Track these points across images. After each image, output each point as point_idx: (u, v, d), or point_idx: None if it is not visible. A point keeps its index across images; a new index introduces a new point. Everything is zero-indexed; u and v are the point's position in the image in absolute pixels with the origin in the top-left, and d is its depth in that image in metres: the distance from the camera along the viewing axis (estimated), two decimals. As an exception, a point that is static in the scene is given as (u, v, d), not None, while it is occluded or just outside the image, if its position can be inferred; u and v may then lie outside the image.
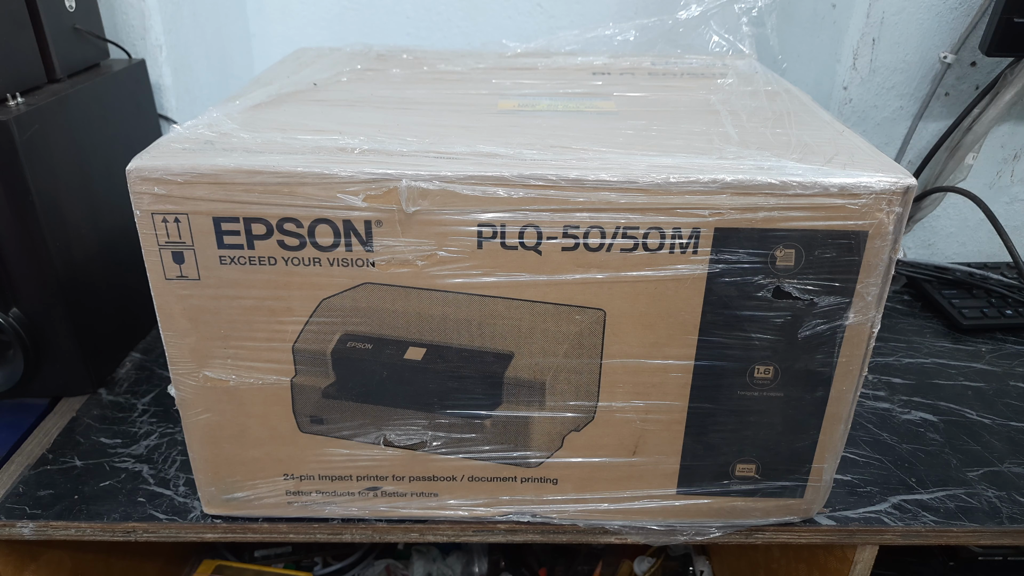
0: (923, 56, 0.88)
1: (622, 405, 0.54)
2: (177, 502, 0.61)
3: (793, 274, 0.48)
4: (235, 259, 0.48)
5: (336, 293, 0.50)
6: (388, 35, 1.05)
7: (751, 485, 0.57)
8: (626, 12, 1.03)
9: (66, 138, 0.68)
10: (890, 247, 0.48)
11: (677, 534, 0.58)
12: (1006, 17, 0.78)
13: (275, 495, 0.58)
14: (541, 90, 0.63)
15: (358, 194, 0.46)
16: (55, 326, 0.68)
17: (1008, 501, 0.62)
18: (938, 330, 0.87)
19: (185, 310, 0.50)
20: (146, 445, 0.67)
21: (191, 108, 0.92)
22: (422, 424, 0.55)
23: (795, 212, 0.46)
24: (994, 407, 0.73)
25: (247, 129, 0.51)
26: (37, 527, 0.59)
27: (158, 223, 0.47)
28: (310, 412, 0.54)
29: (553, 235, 0.47)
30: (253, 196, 0.46)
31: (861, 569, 0.62)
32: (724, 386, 0.53)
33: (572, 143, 0.50)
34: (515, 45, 0.72)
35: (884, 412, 0.73)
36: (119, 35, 0.86)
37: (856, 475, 0.64)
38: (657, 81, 0.67)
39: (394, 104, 0.59)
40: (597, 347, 0.51)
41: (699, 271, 0.48)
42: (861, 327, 0.50)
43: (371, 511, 0.59)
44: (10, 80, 0.65)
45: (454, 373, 0.52)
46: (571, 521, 0.59)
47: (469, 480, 0.57)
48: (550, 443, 0.55)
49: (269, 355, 0.52)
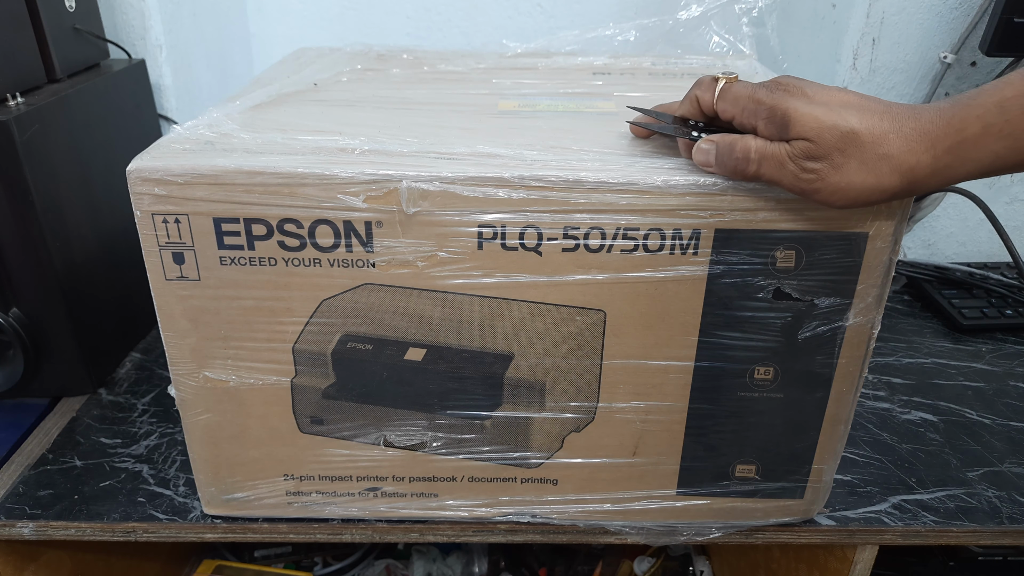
0: (923, 56, 0.88)
1: (622, 406, 0.54)
2: (177, 502, 0.61)
3: (793, 275, 0.48)
4: (235, 260, 0.48)
5: (336, 294, 0.50)
6: (388, 35, 1.05)
7: (751, 486, 0.57)
8: (626, 12, 1.03)
9: (66, 138, 0.68)
10: (890, 248, 0.48)
11: (677, 534, 0.58)
12: (1006, 17, 0.78)
13: (275, 495, 0.58)
14: (541, 90, 0.63)
15: (358, 195, 0.46)
16: (55, 326, 0.68)
17: (1008, 501, 0.62)
18: (938, 330, 0.87)
19: (185, 311, 0.50)
20: (146, 445, 0.67)
21: (191, 108, 0.92)
22: (422, 425, 0.55)
23: (795, 213, 0.46)
24: (994, 407, 0.73)
25: (247, 129, 0.51)
26: (37, 527, 0.59)
27: (158, 223, 0.47)
28: (310, 412, 0.54)
29: (553, 236, 0.47)
30: (253, 197, 0.46)
31: (861, 569, 0.62)
32: (724, 387, 0.53)
33: (572, 144, 0.50)
34: (515, 45, 0.72)
35: (884, 412, 0.73)
36: (119, 35, 0.86)
37: (856, 475, 0.64)
38: (657, 81, 0.67)
39: (394, 104, 0.59)
40: (597, 348, 0.51)
41: (699, 272, 0.48)
42: (861, 328, 0.50)
43: (371, 511, 0.59)
44: (10, 80, 0.65)
45: (454, 374, 0.52)
46: (571, 521, 0.59)
47: (469, 480, 0.57)
48: (550, 444, 0.55)
49: (269, 355, 0.52)
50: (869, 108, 0.41)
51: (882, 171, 0.40)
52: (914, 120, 0.40)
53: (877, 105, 0.41)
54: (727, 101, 0.45)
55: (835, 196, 0.42)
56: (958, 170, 0.40)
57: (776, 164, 0.42)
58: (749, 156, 0.43)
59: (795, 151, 0.42)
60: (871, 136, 0.40)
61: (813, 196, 0.43)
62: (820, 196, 0.42)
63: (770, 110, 0.42)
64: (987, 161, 0.40)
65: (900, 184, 0.41)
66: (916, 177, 0.41)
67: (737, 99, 0.44)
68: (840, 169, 0.41)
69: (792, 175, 0.42)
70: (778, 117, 0.42)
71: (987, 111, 0.39)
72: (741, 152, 0.43)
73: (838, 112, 0.41)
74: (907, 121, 0.40)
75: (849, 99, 0.42)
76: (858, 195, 0.42)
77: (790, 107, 0.41)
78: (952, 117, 0.40)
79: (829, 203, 0.43)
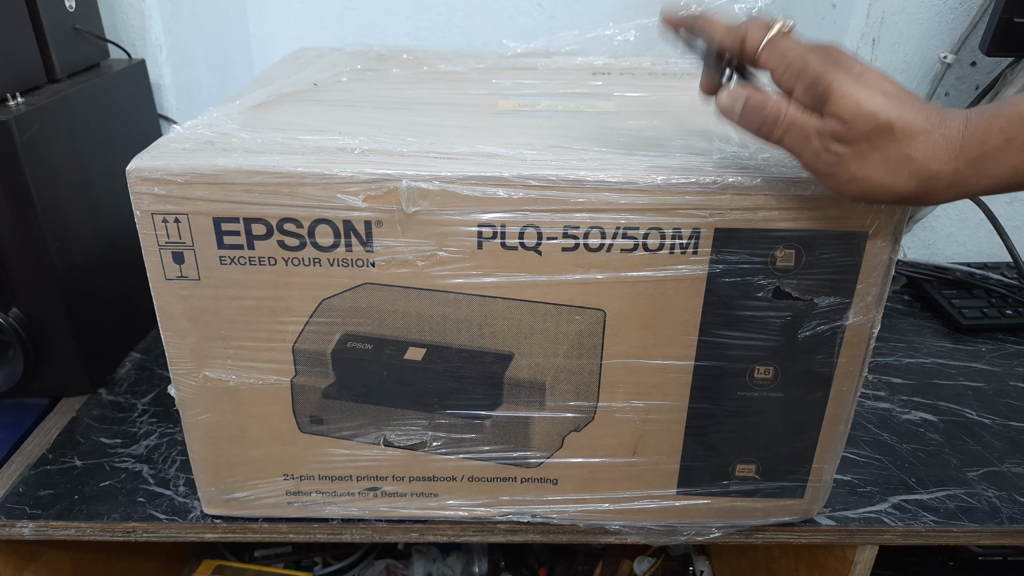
0: (923, 56, 0.88)
1: (622, 405, 0.54)
2: (177, 502, 0.61)
3: (793, 274, 0.48)
4: (235, 259, 0.48)
5: (336, 293, 0.50)
6: (388, 35, 1.05)
7: (751, 485, 0.57)
8: (626, 12, 1.03)
9: (66, 138, 0.68)
10: (890, 247, 0.48)
11: (677, 534, 0.58)
12: (1006, 17, 0.78)
13: (275, 495, 0.58)
14: (541, 90, 0.63)
15: (358, 194, 0.46)
16: (55, 326, 0.68)
17: (1008, 501, 0.62)
18: (938, 330, 0.87)
19: (185, 310, 0.50)
20: (146, 445, 0.67)
21: (191, 108, 0.92)
22: (422, 424, 0.55)
23: (795, 213, 0.46)
24: (994, 407, 0.73)
25: (247, 129, 0.51)
26: (37, 527, 0.59)
27: (158, 223, 0.47)
28: (310, 412, 0.54)
29: (553, 235, 0.47)
30: (253, 196, 0.46)
31: (861, 569, 0.62)
32: (724, 386, 0.53)
33: (572, 143, 0.50)
34: (515, 45, 0.72)
35: (884, 412, 0.73)
36: (119, 35, 0.86)
37: (856, 475, 0.64)
38: (657, 81, 0.67)
39: (394, 104, 0.59)
40: (597, 347, 0.51)
41: (699, 271, 0.48)
42: (861, 327, 0.50)
43: (371, 511, 0.59)
44: (10, 80, 0.65)
45: (454, 373, 0.52)
46: (571, 521, 0.59)
47: (469, 480, 0.57)
48: (550, 443, 0.55)
49: (269, 355, 0.52)
50: (908, 103, 0.39)
51: (901, 172, 0.39)
52: (943, 126, 0.39)
53: (914, 101, 0.40)
54: (774, 54, 0.42)
55: (848, 185, 0.41)
56: (974, 184, 0.39)
57: (801, 136, 0.41)
58: (778, 120, 0.42)
59: (824, 128, 0.40)
60: (903, 133, 0.39)
61: (827, 180, 0.42)
62: (833, 181, 0.42)
63: (815, 78, 0.40)
64: (1005, 176, 0.39)
65: (914, 189, 0.40)
66: (933, 186, 0.40)
67: (785, 55, 0.42)
68: (862, 159, 0.40)
69: (813, 152, 0.41)
70: (820, 88, 0.40)
71: (1011, 123, 0.38)
72: (771, 113, 0.42)
73: (880, 101, 0.39)
74: (937, 126, 0.39)
75: (892, 89, 0.40)
76: (870, 190, 0.41)
77: (835, 81, 0.40)
78: (976, 128, 0.39)
79: (839, 190, 0.42)
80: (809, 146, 0.41)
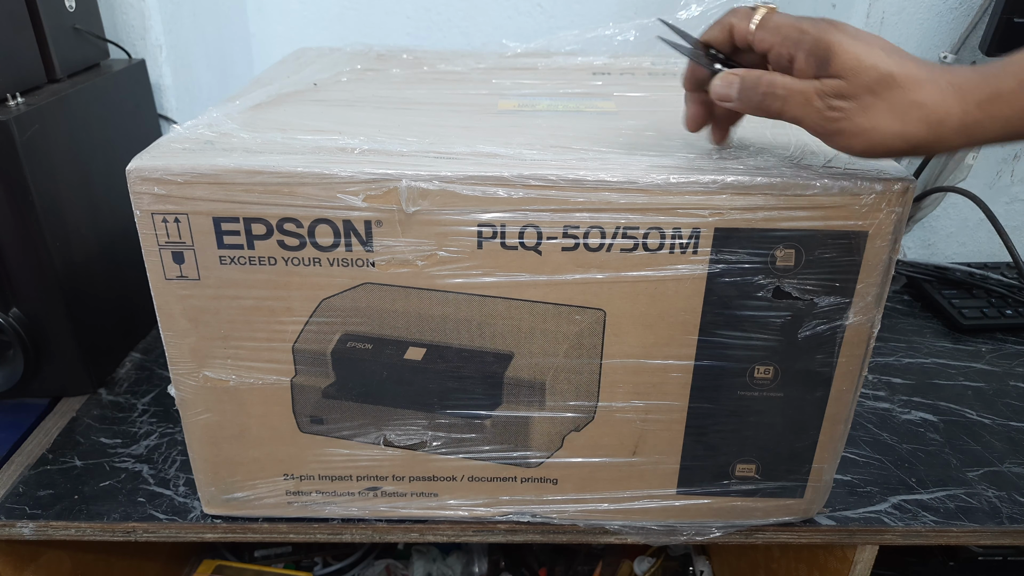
0: (923, 56, 0.88)
1: (622, 405, 0.54)
2: (177, 502, 0.61)
3: (793, 274, 0.48)
4: (235, 259, 0.48)
5: (336, 293, 0.50)
6: (388, 35, 1.05)
7: (751, 485, 0.57)
8: (626, 12, 1.03)
9: (66, 138, 0.68)
10: (890, 247, 0.48)
11: (677, 534, 0.58)
12: (1006, 17, 0.78)
13: (275, 495, 0.58)
14: (541, 90, 0.63)
15: (358, 194, 0.46)
16: (55, 326, 0.68)
17: (1008, 501, 0.62)
18: (938, 330, 0.87)
19: (185, 310, 0.50)
20: (146, 445, 0.67)
21: (191, 108, 0.92)
22: (422, 424, 0.55)
23: (795, 212, 0.46)
24: (994, 407, 0.73)
25: (247, 129, 0.51)
26: (37, 527, 0.59)
27: (158, 223, 0.47)
28: (310, 412, 0.54)
29: (553, 235, 0.47)
30: (253, 196, 0.46)
31: (861, 569, 0.62)
32: (724, 386, 0.53)
33: (572, 143, 0.50)
34: (515, 45, 0.72)
35: (884, 412, 0.73)
36: (119, 35, 0.86)
37: (856, 475, 0.64)
38: (657, 81, 0.67)
39: (394, 104, 0.59)
40: (597, 347, 0.51)
41: (699, 271, 0.48)
42: (861, 327, 0.50)
43: (371, 511, 0.59)
44: (10, 80, 0.65)
45: (454, 373, 0.52)
46: (571, 521, 0.59)
47: (469, 480, 0.57)
48: (550, 443, 0.55)
49: (269, 355, 0.52)
50: (909, 59, 0.41)
51: (911, 118, 0.40)
52: (949, 74, 0.40)
53: (915, 58, 0.41)
54: (767, 30, 0.43)
55: (857, 139, 0.41)
56: (987, 128, 0.40)
57: (802, 101, 0.42)
58: (775, 92, 0.42)
59: (825, 88, 0.41)
60: (907, 81, 0.40)
61: (835, 137, 0.42)
62: (842, 138, 0.42)
63: (815, 41, 0.41)
64: (1017, 120, 0.39)
65: (926, 134, 0.40)
66: (943, 130, 0.40)
67: (779, 28, 0.43)
68: (868, 111, 0.40)
69: (817, 112, 0.42)
70: (821, 49, 0.41)
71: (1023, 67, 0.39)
72: (767, 87, 0.43)
73: (879, 54, 0.40)
74: (943, 74, 0.40)
75: (891, 47, 0.41)
76: (881, 140, 0.41)
77: (834, 40, 0.40)
78: (987, 73, 0.39)
79: (849, 147, 0.42)
80: (812, 109, 0.42)
